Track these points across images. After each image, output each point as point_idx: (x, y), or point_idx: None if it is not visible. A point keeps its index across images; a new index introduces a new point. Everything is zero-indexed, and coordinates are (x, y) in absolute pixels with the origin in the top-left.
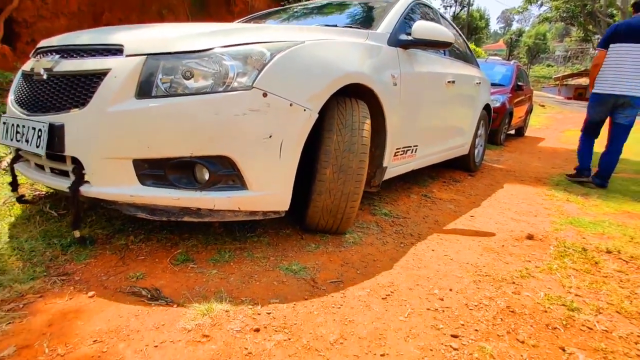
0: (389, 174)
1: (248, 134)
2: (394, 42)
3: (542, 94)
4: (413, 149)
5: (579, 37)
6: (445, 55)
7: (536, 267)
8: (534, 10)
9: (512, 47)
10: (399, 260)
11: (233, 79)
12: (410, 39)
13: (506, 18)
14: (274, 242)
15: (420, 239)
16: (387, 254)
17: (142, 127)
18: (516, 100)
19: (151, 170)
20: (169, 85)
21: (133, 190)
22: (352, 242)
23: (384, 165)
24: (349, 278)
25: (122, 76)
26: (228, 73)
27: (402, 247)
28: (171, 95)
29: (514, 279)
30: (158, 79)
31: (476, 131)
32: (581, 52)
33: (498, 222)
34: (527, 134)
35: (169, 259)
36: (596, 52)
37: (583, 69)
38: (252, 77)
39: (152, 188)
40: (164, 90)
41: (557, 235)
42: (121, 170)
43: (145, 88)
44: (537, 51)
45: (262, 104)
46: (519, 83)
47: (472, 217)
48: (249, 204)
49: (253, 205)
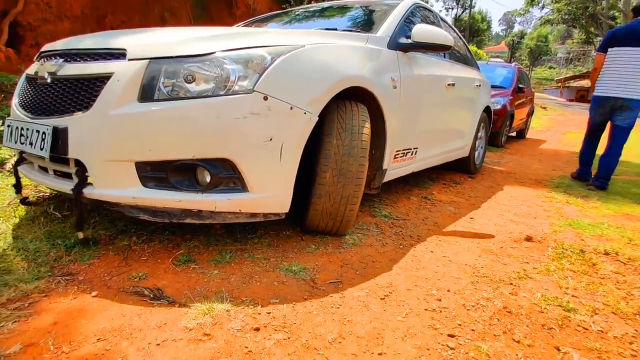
0: (388, 176)
1: (249, 137)
2: (393, 45)
3: (544, 96)
4: (413, 152)
5: (580, 39)
6: (445, 58)
7: (534, 268)
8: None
9: (514, 49)
10: (398, 261)
11: (234, 82)
12: (410, 42)
13: (508, 20)
14: (274, 243)
15: (419, 240)
16: (386, 255)
17: (144, 130)
18: (517, 103)
19: (153, 173)
20: (171, 88)
21: (135, 193)
22: (352, 244)
23: (383, 167)
24: (348, 279)
25: (125, 80)
26: (229, 77)
27: (402, 248)
28: (173, 98)
29: (511, 280)
30: (160, 83)
31: (476, 133)
32: (583, 54)
33: (497, 224)
34: (529, 136)
35: (171, 259)
36: (595, 56)
37: (585, 71)
38: (253, 80)
39: (154, 190)
40: (166, 94)
41: (555, 237)
42: (124, 173)
43: (148, 92)
44: (539, 53)
45: (263, 107)
46: (520, 85)
47: (472, 219)
48: (250, 206)
49: (254, 207)
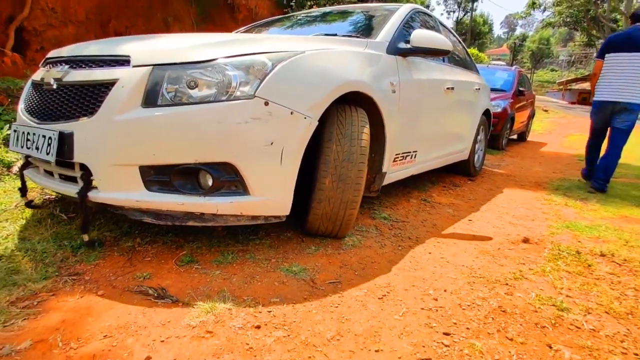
0: (388, 179)
1: (250, 141)
2: (392, 50)
3: (546, 98)
4: (412, 155)
5: (582, 41)
6: (445, 62)
7: (530, 269)
8: (537, 15)
9: (515, 52)
10: (396, 262)
11: (236, 88)
12: (409, 47)
13: (510, 23)
14: (275, 244)
15: (418, 242)
16: (385, 257)
17: (148, 134)
18: (518, 106)
19: (157, 177)
20: (174, 94)
21: (139, 196)
22: (351, 245)
23: (383, 170)
24: (347, 279)
25: (129, 86)
26: (231, 82)
27: (400, 250)
28: (176, 104)
29: (507, 280)
30: (164, 89)
31: (476, 136)
32: (585, 57)
33: (495, 226)
34: (530, 138)
35: (174, 260)
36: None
37: (587, 73)
38: (254, 86)
39: (157, 193)
40: (169, 100)
41: (552, 239)
42: (128, 177)
43: (152, 97)
44: (540, 56)
45: (264, 112)
46: (520, 88)
47: (471, 221)
48: (251, 209)
49: (255, 210)
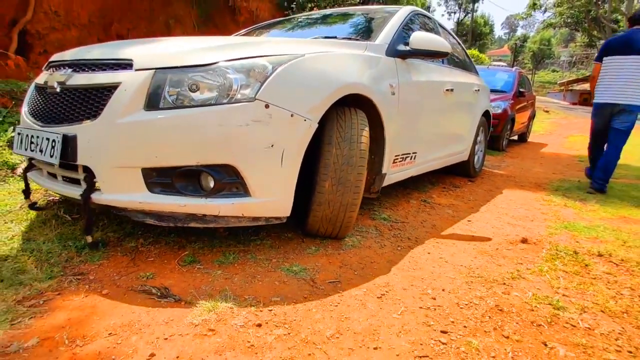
0: (388, 180)
1: (251, 143)
2: (392, 52)
3: (547, 99)
4: (412, 156)
5: (583, 42)
6: (444, 63)
7: (527, 269)
8: (538, 16)
9: (516, 53)
10: (395, 262)
11: (237, 91)
12: (408, 49)
13: (510, 24)
14: (276, 244)
15: (417, 242)
16: (384, 257)
17: (150, 137)
18: (518, 107)
19: (159, 179)
20: (175, 97)
21: (142, 198)
22: (351, 245)
23: (383, 172)
24: (347, 279)
25: (132, 89)
26: (232, 85)
27: (399, 250)
28: (178, 107)
29: (504, 280)
30: (165, 92)
31: (475, 138)
32: (586, 58)
33: (494, 226)
34: (530, 139)
35: (176, 260)
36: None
37: (588, 74)
38: (255, 89)
39: (159, 195)
40: (171, 102)
41: (551, 240)
42: (130, 179)
43: (154, 100)
44: (542, 57)
45: (265, 114)
46: (520, 89)
47: (470, 221)
48: (252, 210)
49: (256, 212)
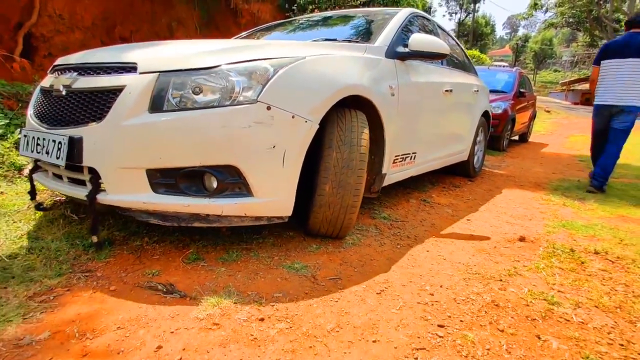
0: (388, 180)
1: (253, 144)
2: (391, 54)
3: (549, 99)
4: (412, 156)
5: (585, 42)
6: (443, 64)
7: (524, 266)
8: (540, 16)
9: (518, 53)
10: (394, 260)
11: (239, 93)
12: (407, 51)
13: (512, 24)
14: (278, 243)
15: (416, 241)
16: (384, 255)
17: (154, 139)
18: (519, 107)
19: (163, 179)
20: (179, 99)
21: (146, 198)
22: (351, 244)
23: (383, 172)
24: (347, 275)
25: (136, 92)
26: (234, 88)
27: (399, 248)
28: (181, 109)
29: (501, 276)
30: (169, 94)
31: (475, 138)
32: (588, 57)
33: (493, 225)
34: (531, 139)
35: (181, 258)
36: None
37: (590, 74)
38: (257, 91)
39: (164, 196)
40: (174, 105)
41: (548, 238)
42: (135, 179)
43: (158, 103)
44: (543, 56)
45: (266, 116)
46: (521, 90)
47: (469, 220)
48: (255, 210)
49: (258, 211)
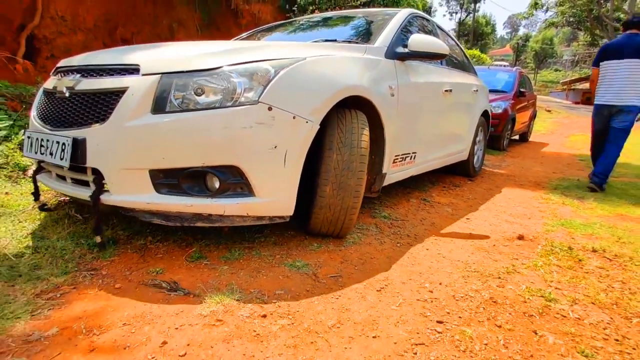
0: (388, 180)
1: (255, 145)
2: (391, 55)
3: (550, 98)
4: (412, 156)
5: (586, 41)
6: (443, 65)
7: (522, 264)
8: (540, 15)
9: (519, 52)
10: (394, 258)
11: (240, 94)
12: (406, 51)
13: (512, 23)
14: (279, 241)
15: (416, 239)
16: (384, 253)
17: (157, 140)
18: (519, 107)
19: (166, 180)
20: (181, 101)
21: (149, 198)
22: (352, 242)
23: (383, 171)
24: (348, 273)
25: (139, 94)
26: (236, 89)
27: (399, 246)
28: (184, 110)
29: (500, 274)
30: (172, 96)
31: (475, 137)
32: (589, 56)
33: (492, 224)
34: (532, 139)
35: (184, 256)
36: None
37: (590, 73)
38: (258, 92)
39: (166, 196)
40: (177, 106)
41: (547, 236)
42: (138, 180)
43: (160, 104)
44: (544, 56)
45: (268, 117)
46: (521, 89)
47: (468, 219)
48: (257, 210)
49: (260, 211)
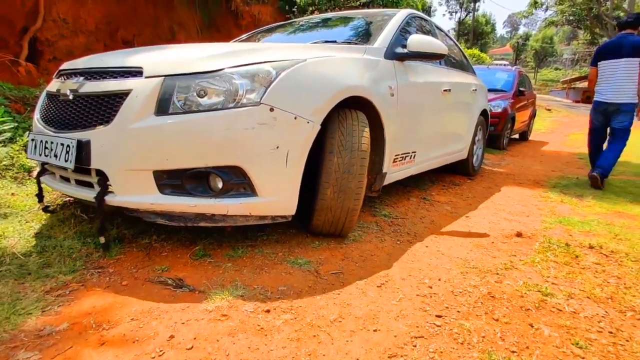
0: (388, 179)
1: (257, 145)
2: (390, 55)
3: (550, 97)
4: (411, 155)
5: (586, 40)
6: (441, 64)
7: (520, 260)
8: (540, 14)
9: (519, 51)
10: (394, 255)
11: (242, 95)
12: (405, 51)
13: (512, 22)
14: (282, 239)
15: (416, 237)
16: (384, 250)
17: (161, 141)
18: (518, 106)
19: (170, 180)
20: (184, 103)
21: (153, 199)
22: (353, 240)
23: (383, 171)
24: (349, 270)
25: (143, 96)
26: (238, 90)
27: (399, 244)
28: (187, 112)
29: (498, 270)
30: (175, 98)
31: (474, 137)
32: (589, 55)
33: (491, 222)
34: (532, 138)
35: (189, 254)
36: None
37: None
38: (260, 93)
39: (170, 196)
40: (180, 108)
41: (545, 233)
42: (142, 181)
43: (164, 106)
44: (544, 55)
45: (269, 118)
46: (520, 88)
47: (468, 217)
48: (259, 210)
49: (263, 211)
